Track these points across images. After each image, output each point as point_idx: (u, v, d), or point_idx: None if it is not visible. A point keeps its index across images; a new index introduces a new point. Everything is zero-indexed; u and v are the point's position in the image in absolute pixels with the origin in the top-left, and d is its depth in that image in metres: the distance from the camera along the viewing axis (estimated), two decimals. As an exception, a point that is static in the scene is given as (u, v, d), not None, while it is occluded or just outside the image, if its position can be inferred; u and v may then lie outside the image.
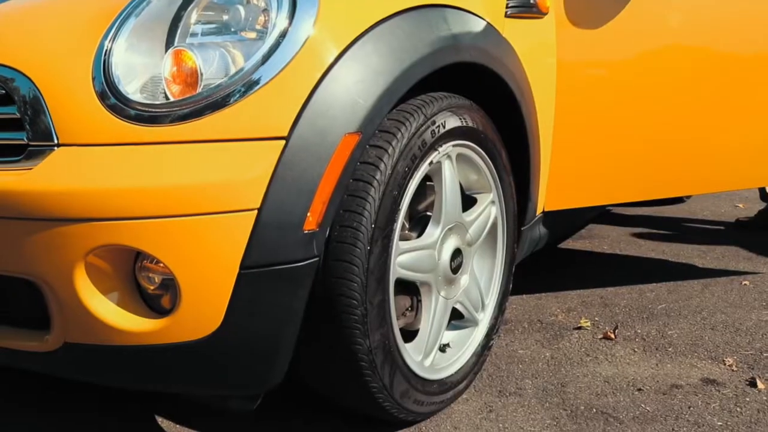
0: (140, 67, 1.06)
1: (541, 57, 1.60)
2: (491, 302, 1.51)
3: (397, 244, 1.17)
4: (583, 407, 1.38)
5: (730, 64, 1.79)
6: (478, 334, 1.47)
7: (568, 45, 1.66)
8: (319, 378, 1.19)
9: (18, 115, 1.07)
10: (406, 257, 1.21)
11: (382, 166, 1.10)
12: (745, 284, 2.10)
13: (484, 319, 1.48)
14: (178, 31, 1.07)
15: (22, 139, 1.06)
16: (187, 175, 0.97)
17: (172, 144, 0.99)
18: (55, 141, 1.03)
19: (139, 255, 1.03)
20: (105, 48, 1.05)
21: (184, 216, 0.96)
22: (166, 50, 1.06)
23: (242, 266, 0.98)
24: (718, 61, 1.78)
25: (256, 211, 0.97)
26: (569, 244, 2.63)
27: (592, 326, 1.80)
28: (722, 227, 2.94)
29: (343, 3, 1.09)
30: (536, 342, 1.72)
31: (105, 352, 1.06)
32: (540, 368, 1.57)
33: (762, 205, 2.84)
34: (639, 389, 1.45)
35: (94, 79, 1.04)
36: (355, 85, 1.05)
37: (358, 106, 1.04)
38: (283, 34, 1.02)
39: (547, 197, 1.75)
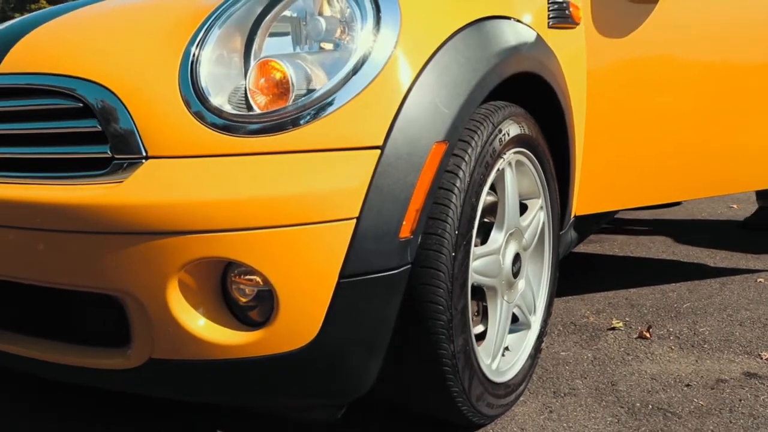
0: (226, 77, 1.06)
1: (576, 65, 1.65)
2: (541, 305, 1.54)
3: (473, 251, 1.19)
4: (638, 404, 1.42)
5: (748, 71, 1.87)
6: (531, 336, 1.50)
7: (597, 53, 1.72)
8: (401, 384, 1.20)
9: (99, 128, 1.06)
10: (478, 263, 1.24)
11: (461, 173, 1.13)
12: (760, 281, 2.18)
13: (536, 321, 1.52)
14: (256, 41, 1.08)
15: (106, 153, 1.05)
16: (285, 186, 0.97)
17: (267, 155, 1.00)
18: (144, 153, 1.02)
19: (228, 267, 1.03)
20: (192, 55, 1.05)
21: (283, 227, 0.97)
22: (245, 60, 1.07)
23: (341, 275, 0.99)
24: (736, 68, 1.86)
25: (354, 220, 0.98)
26: (581, 248, 2.69)
27: (624, 326, 1.85)
28: (723, 227, 3.04)
29: (421, 14, 1.11)
30: (575, 344, 1.75)
31: (194, 367, 1.06)
32: (586, 369, 1.60)
33: (756, 206, 2.95)
34: (687, 385, 1.50)
35: (181, 89, 1.04)
36: (440, 94, 1.07)
37: (445, 115, 1.07)
38: (371, 45, 1.04)
39: (578, 202, 1.80)
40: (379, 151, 1.00)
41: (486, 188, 1.21)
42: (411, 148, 1.02)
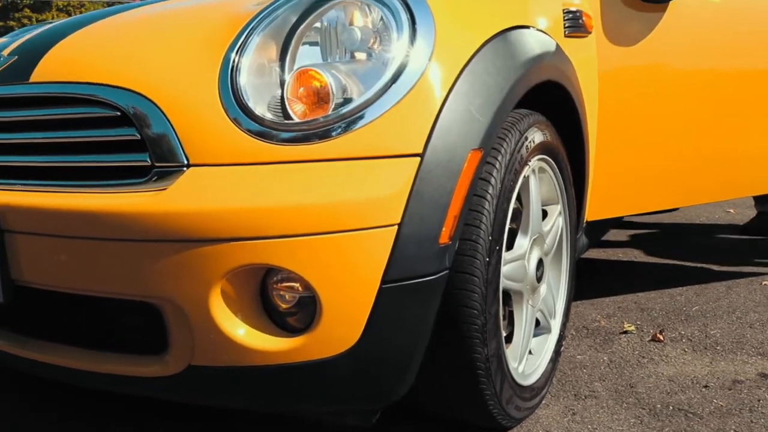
0: (264, 85, 1.07)
1: (589, 73, 1.69)
2: (560, 309, 1.56)
3: (504, 256, 1.21)
4: (659, 405, 1.45)
5: (752, 78, 1.91)
6: (552, 340, 1.52)
7: (607, 61, 1.75)
8: (433, 388, 1.22)
9: (138, 137, 1.07)
10: (506, 268, 1.26)
11: (492, 180, 1.15)
12: (765, 284, 2.23)
13: (556, 325, 1.54)
14: (290, 49, 1.09)
15: (145, 161, 1.06)
16: (328, 193, 0.99)
17: (308, 163, 1.01)
18: (185, 162, 1.04)
19: (268, 274, 1.05)
20: (231, 62, 1.07)
21: (327, 233, 0.98)
22: (281, 68, 1.08)
23: (383, 281, 1.01)
24: (740, 75, 1.91)
25: (396, 227, 1.00)
26: (586, 253, 2.73)
27: (636, 330, 1.88)
28: (723, 232, 3.10)
29: (453, 24, 1.14)
30: (590, 347, 1.78)
31: (234, 374, 1.07)
32: (604, 371, 1.63)
33: (753, 211, 3.01)
34: (705, 386, 1.53)
35: (221, 96, 1.05)
36: (474, 103, 1.10)
37: (480, 123, 1.09)
38: (408, 55, 1.06)
39: (589, 207, 1.83)
40: (419, 159, 1.02)
41: (515, 194, 1.23)
42: (449, 156, 1.04)
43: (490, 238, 1.13)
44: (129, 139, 1.08)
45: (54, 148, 1.17)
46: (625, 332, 1.87)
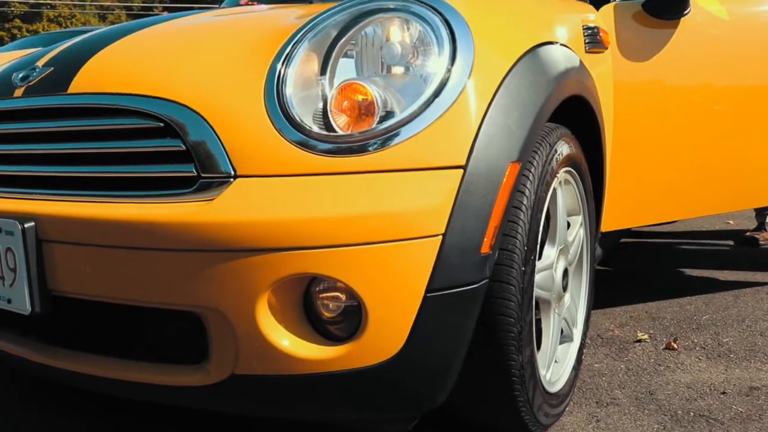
0: (309, 96, 1.10)
1: (605, 88, 1.73)
2: (581, 318, 1.60)
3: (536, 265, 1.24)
4: (680, 411, 1.48)
5: (761, 92, 1.96)
6: (574, 348, 1.55)
7: (621, 76, 1.80)
8: (467, 395, 1.24)
9: (184, 148, 1.09)
10: (537, 277, 1.29)
11: (527, 191, 1.18)
12: (770, 293, 2.28)
13: (577, 334, 1.57)
14: (331, 62, 1.12)
15: (191, 172, 1.08)
16: (374, 204, 1.01)
17: (355, 174, 1.03)
18: (232, 173, 1.05)
19: (312, 283, 1.07)
20: (277, 72, 1.09)
21: (374, 243, 1.01)
22: (323, 81, 1.10)
23: (428, 289, 1.03)
24: (748, 90, 1.96)
25: (441, 237, 1.03)
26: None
27: (650, 338, 1.92)
28: (724, 242, 3.15)
29: (489, 40, 1.17)
30: (606, 356, 1.81)
31: (277, 382, 1.08)
32: (622, 379, 1.66)
33: (753, 222, 3.07)
34: (723, 393, 1.56)
35: (267, 108, 1.07)
36: (512, 116, 1.13)
37: (518, 136, 1.12)
38: (449, 69, 1.09)
39: (604, 218, 1.86)
40: (462, 171, 1.05)
41: (546, 205, 1.26)
42: (490, 168, 1.07)
43: (525, 248, 1.16)
44: (174, 150, 1.10)
45: (95, 159, 1.18)
46: (639, 341, 1.90)
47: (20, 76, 1.35)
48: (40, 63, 1.37)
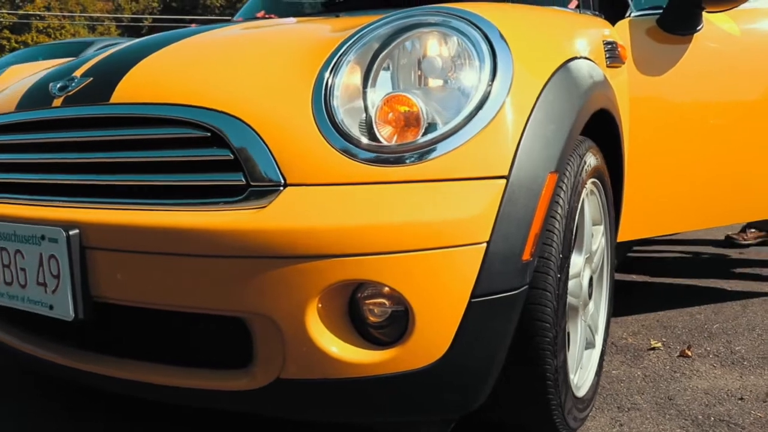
0: (355, 107, 1.13)
1: (623, 101, 1.78)
2: (602, 325, 1.63)
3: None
4: (700, 416, 1.52)
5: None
6: (596, 354, 1.58)
7: (636, 90, 1.85)
8: (502, 398, 1.27)
9: (232, 157, 1.11)
10: (569, 284, 1.32)
11: (561, 201, 1.22)
12: (778, 303, 2.33)
13: (599, 340, 1.61)
14: (372, 74, 1.15)
15: (240, 180, 1.11)
16: (422, 213, 1.05)
17: (403, 183, 1.07)
18: (282, 181, 1.08)
19: (358, 289, 1.10)
20: (325, 81, 1.12)
21: (422, 250, 1.04)
22: (366, 92, 1.14)
23: (472, 295, 1.06)
24: (758, 103, 2.02)
25: (485, 244, 1.06)
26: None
27: (663, 346, 1.96)
28: (727, 252, 3.22)
29: (526, 55, 1.21)
30: (622, 363, 1.85)
31: (323, 386, 1.11)
32: (641, 385, 1.69)
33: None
34: (740, 398, 1.60)
35: (315, 117, 1.10)
36: (549, 129, 1.17)
37: (555, 147, 1.16)
38: (491, 83, 1.13)
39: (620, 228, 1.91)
40: (505, 181, 1.08)
41: (577, 214, 1.30)
42: (530, 178, 1.11)
43: (561, 255, 1.20)
44: (222, 159, 1.12)
45: (140, 168, 1.20)
46: (653, 349, 1.94)
47: (58, 86, 1.37)
48: (77, 73, 1.39)
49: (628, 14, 1.93)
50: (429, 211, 1.05)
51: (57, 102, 1.34)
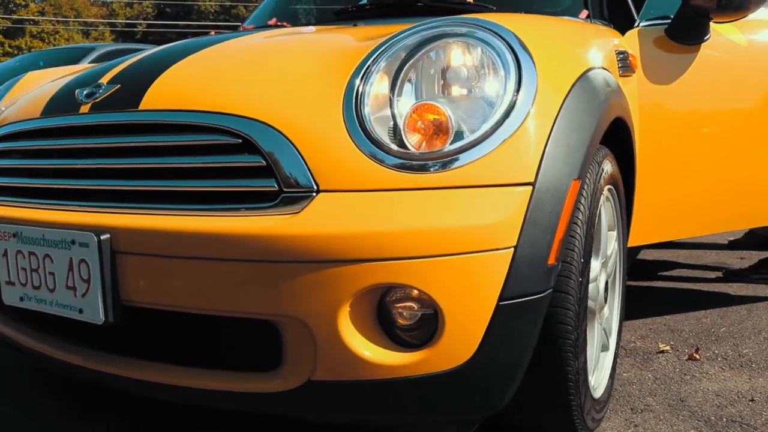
0: (385, 114, 1.15)
1: (634, 109, 1.82)
2: (615, 328, 1.67)
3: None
4: (713, 417, 1.55)
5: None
6: (609, 357, 1.62)
7: (645, 98, 1.89)
8: (524, 400, 1.29)
9: (264, 163, 1.14)
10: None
11: (582, 207, 1.25)
12: (782, 307, 2.38)
13: (612, 343, 1.64)
14: (398, 83, 1.18)
15: (273, 186, 1.13)
16: (452, 218, 1.07)
17: (432, 190, 1.09)
18: (315, 187, 1.11)
19: (387, 292, 1.12)
20: (356, 88, 1.15)
21: (452, 255, 1.07)
22: (394, 100, 1.16)
23: (500, 298, 1.09)
24: (762, 111, 2.06)
25: (513, 249, 1.09)
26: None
27: (672, 350, 1.99)
28: (728, 258, 3.26)
29: (548, 65, 1.24)
30: (632, 366, 1.88)
31: (353, 388, 1.13)
32: (652, 388, 1.73)
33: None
34: (751, 400, 1.64)
35: (346, 124, 1.13)
36: (572, 137, 1.20)
37: (577, 155, 1.19)
38: (516, 92, 1.16)
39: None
40: (531, 187, 1.11)
41: (596, 220, 1.34)
42: (555, 185, 1.14)
43: (582, 260, 1.23)
44: (254, 166, 1.15)
45: (171, 173, 1.22)
46: (662, 352, 1.98)
47: (85, 92, 1.39)
48: (104, 80, 1.41)
49: (637, 24, 1.97)
50: (459, 217, 1.08)
51: (84, 108, 1.36)
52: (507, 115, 1.14)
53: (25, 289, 1.33)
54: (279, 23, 2.29)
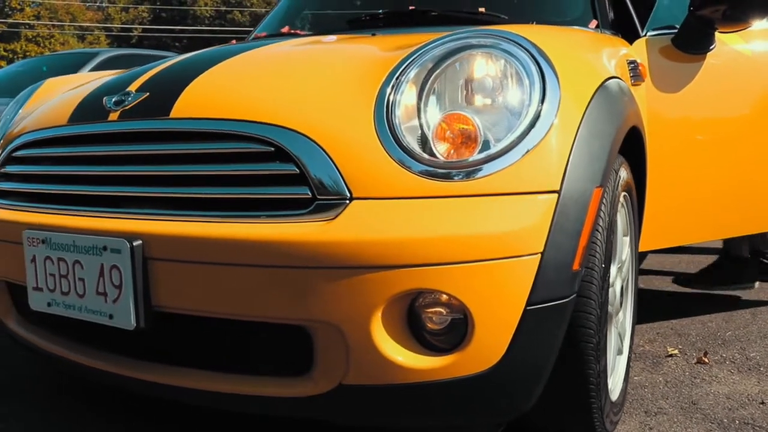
0: (415, 124, 1.18)
1: (643, 117, 1.86)
2: (628, 332, 1.70)
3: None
4: (726, 420, 1.59)
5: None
6: (623, 360, 1.65)
7: (653, 105, 1.93)
8: (546, 402, 1.32)
9: (298, 171, 1.16)
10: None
11: (602, 213, 1.28)
12: (785, 311, 2.42)
13: (625, 347, 1.67)
14: (425, 93, 1.21)
15: (306, 194, 1.16)
16: (482, 225, 1.11)
17: (462, 197, 1.13)
18: (348, 195, 1.14)
19: (417, 297, 1.15)
20: (387, 97, 1.18)
21: (482, 261, 1.10)
22: (422, 109, 1.20)
23: (527, 303, 1.12)
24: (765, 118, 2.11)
25: (540, 255, 1.12)
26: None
27: (680, 353, 2.03)
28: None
29: (570, 76, 1.27)
30: (643, 369, 1.92)
31: (384, 391, 1.16)
32: (664, 391, 1.76)
33: None
34: (762, 402, 1.67)
35: (378, 133, 1.16)
36: (594, 146, 1.23)
37: (599, 163, 1.23)
38: (541, 103, 1.19)
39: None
40: (556, 195, 1.15)
41: (614, 226, 1.37)
42: (579, 192, 1.18)
43: (603, 265, 1.27)
44: (287, 173, 1.17)
45: (203, 181, 1.25)
46: (671, 355, 2.02)
47: (113, 100, 1.41)
48: (132, 88, 1.43)
49: (644, 33, 2.02)
50: (489, 224, 1.11)
51: (113, 116, 1.39)
52: (532, 125, 1.17)
53: (53, 294, 1.35)
54: (292, 31, 2.32)
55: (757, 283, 2.56)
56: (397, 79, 1.21)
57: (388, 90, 1.20)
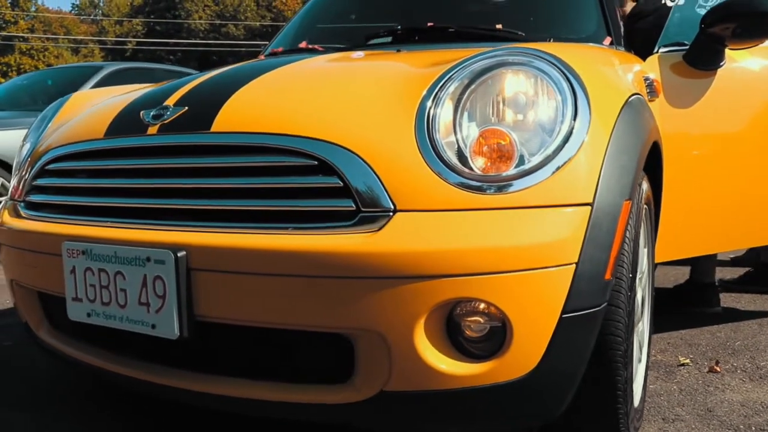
0: (452, 138, 1.23)
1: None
2: (646, 340, 1.75)
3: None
4: (742, 426, 1.63)
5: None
6: (641, 368, 1.70)
7: (668, 121, 1.99)
8: (574, 408, 1.36)
9: (341, 184, 1.21)
10: (630, 302, 1.44)
11: (630, 225, 1.34)
12: (791, 321, 2.48)
13: (644, 355, 1.72)
14: (460, 108, 1.25)
15: (350, 206, 1.20)
16: (522, 236, 1.15)
17: (502, 210, 1.17)
18: (392, 207, 1.18)
19: (456, 306, 1.19)
20: (427, 113, 1.23)
21: (522, 271, 1.14)
22: (458, 124, 1.24)
23: (563, 311, 1.17)
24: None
25: (574, 265, 1.17)
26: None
27: (692, 362, 2.08)
28: (731, 274, 3.37)
29: (599, 93, 1.32)
30: (657, 378, 1.96)
31: (424, 398, 1.20)
32: (679, 399, 1.81)
33: None
34: (775, 409, 1.73)
35: (419, 146, 1.20)
36: (622, 160, 1.29)
37: (628, 177, 1.28)
38: (573, 119, 1.24)
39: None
40: (590, 208, 1.20)
41: (639, 238, 1.42)
42: (611, 205, 1.23)
43: (630, 275, 1.32)
44: (331, 186, 1.22)
45: (246, 193, 1.29)
46: (683, 365, 2.07)
47: (152, 114, 1.45)
48: (169, 102, 1.47)
49: (656, 50, 2.08)
50: (527, 235, 1.16)
51: (152, 130, 1.42)
52: (565, 141, 1.22)
53: (93, 305, 1.38)
54: (310, 46, 2.37)
55: None
56: (437, 93, 1.26)
57: (429, 104, 1.25)
